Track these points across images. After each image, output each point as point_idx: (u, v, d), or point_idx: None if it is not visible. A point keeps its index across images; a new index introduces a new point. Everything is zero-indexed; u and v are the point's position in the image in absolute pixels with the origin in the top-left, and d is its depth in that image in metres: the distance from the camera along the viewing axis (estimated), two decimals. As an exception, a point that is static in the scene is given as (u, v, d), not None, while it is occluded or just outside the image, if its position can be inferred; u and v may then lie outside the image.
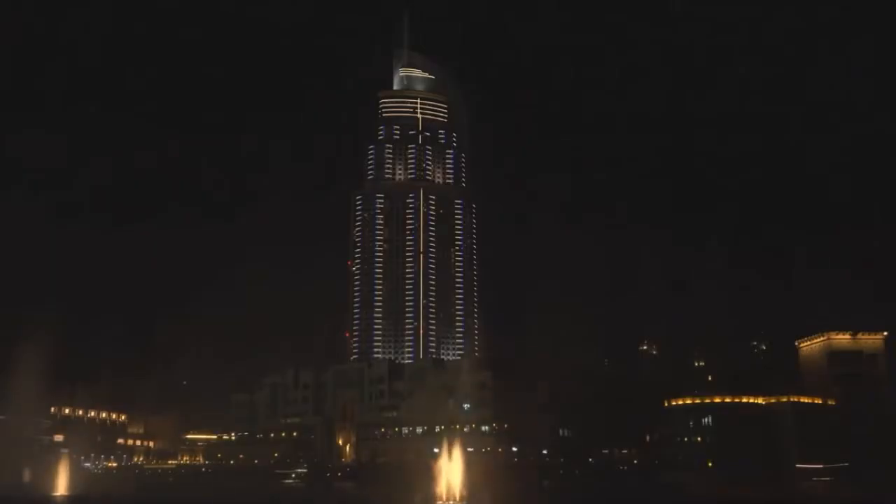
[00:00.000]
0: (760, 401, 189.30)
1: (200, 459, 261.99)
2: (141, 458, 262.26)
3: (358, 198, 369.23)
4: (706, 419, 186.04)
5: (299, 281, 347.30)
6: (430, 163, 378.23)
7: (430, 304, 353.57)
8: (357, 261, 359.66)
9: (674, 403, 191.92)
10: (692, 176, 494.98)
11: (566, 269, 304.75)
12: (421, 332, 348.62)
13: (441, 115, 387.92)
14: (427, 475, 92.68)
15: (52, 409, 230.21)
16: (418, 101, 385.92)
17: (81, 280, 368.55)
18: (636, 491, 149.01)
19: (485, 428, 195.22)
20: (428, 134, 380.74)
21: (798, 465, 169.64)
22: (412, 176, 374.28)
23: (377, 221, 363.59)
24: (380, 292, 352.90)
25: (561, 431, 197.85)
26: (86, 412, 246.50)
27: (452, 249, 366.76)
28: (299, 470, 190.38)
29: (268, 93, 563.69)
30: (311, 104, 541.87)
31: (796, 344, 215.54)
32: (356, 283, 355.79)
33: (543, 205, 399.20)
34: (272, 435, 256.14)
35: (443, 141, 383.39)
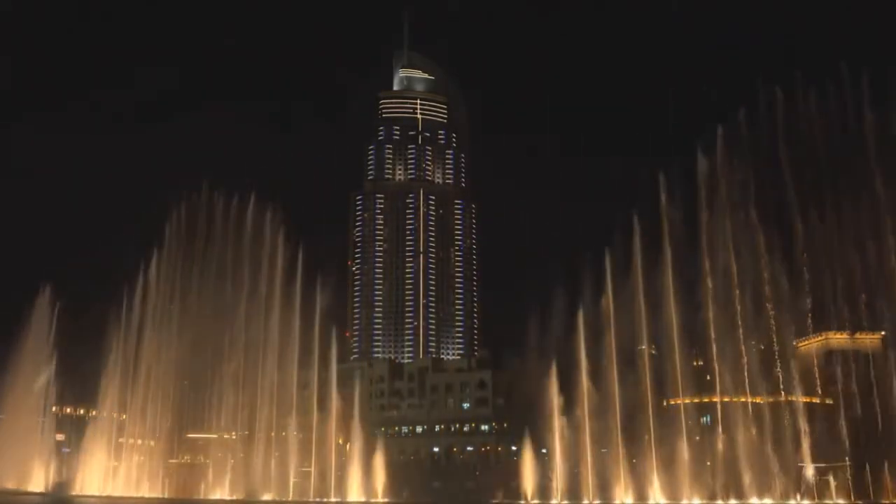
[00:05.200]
0: (759, 400, 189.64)
1: (201, 458, 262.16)
2: (142, 458, 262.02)
3: (358, 198, 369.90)
4: (705, 419, 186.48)
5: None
6: (429, 163, 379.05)
7: (430, 304, 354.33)
8: (357, 261, 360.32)
9: (672, 403, 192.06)
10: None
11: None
12: (421, 331, 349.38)
13: (441, 115, 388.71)
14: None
15: (54, 409, 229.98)
16: (418, 101, 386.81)
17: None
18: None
19: (484, 427, 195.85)
20: (428, 134, 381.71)
21: (799, 465, 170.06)
22: (412, 176, 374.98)
23: (377, 221, 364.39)
24: (380, 292, 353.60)
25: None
26: (87, 411, 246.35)
27: (452, 249, 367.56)
28: (303, 469, 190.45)
29: (268, 93, 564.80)
30: (312, 104, 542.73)
31: (795, 343, 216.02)
32: (356, 283, 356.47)
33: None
34: (272, 434, 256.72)
35: (443, 141, 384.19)
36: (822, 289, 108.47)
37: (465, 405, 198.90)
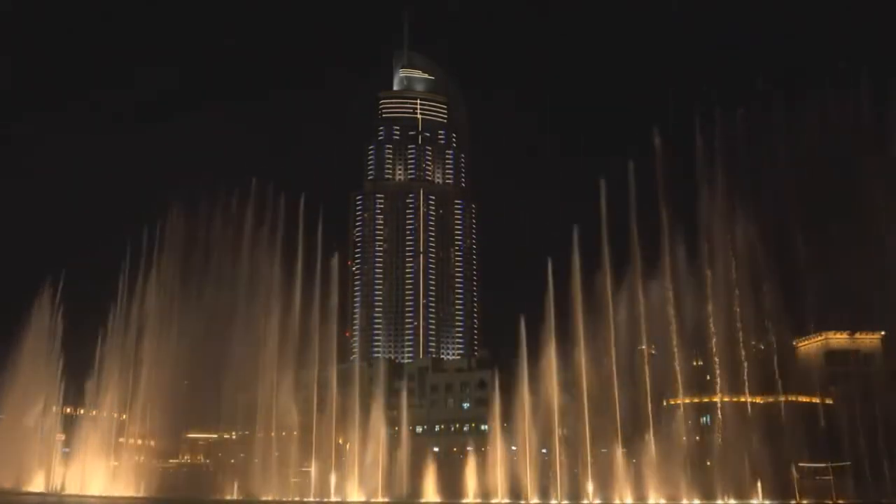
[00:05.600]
0: (759, 400, 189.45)
1: (201, 458, 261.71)
2: (142, 458, 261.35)
3: (358, 198, 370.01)
4: (705, 419, 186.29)
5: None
6: (429, 163, 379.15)
7: (430, 304, 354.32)
8: (357, 261, 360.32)
9: (672, 403, 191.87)
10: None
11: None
12: (421, 331, 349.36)
13: (441, 115, 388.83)
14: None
15: (55, 408, 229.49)
16: (418, 101, 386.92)
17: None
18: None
19: (484, 427, 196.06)
20: (428, 134, 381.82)
21: (800, 464, 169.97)
22: (412, 176, 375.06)
23: (377, 221, 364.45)
24: (380, 292, 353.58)
25: (560, 430, 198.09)
26: (87, 411, 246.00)
27: (452, 249, 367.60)
28: (303, 469, 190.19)
29: (268, 93, 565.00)
30: (312, 104, 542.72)
31: (794, 343, 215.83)
32: (356, 283, 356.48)
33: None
34: (272, 434, 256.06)
35: (442, 141, 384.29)
36: (822, 289, 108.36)
37: (465, 405, 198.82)
